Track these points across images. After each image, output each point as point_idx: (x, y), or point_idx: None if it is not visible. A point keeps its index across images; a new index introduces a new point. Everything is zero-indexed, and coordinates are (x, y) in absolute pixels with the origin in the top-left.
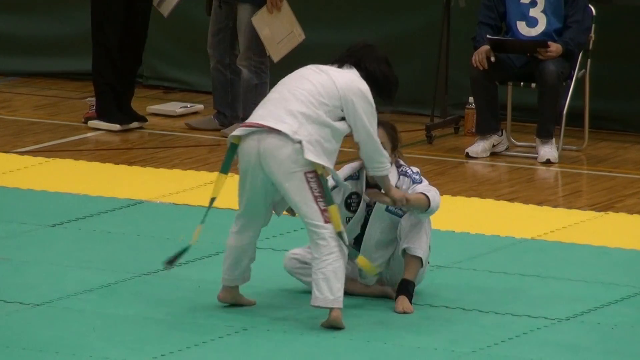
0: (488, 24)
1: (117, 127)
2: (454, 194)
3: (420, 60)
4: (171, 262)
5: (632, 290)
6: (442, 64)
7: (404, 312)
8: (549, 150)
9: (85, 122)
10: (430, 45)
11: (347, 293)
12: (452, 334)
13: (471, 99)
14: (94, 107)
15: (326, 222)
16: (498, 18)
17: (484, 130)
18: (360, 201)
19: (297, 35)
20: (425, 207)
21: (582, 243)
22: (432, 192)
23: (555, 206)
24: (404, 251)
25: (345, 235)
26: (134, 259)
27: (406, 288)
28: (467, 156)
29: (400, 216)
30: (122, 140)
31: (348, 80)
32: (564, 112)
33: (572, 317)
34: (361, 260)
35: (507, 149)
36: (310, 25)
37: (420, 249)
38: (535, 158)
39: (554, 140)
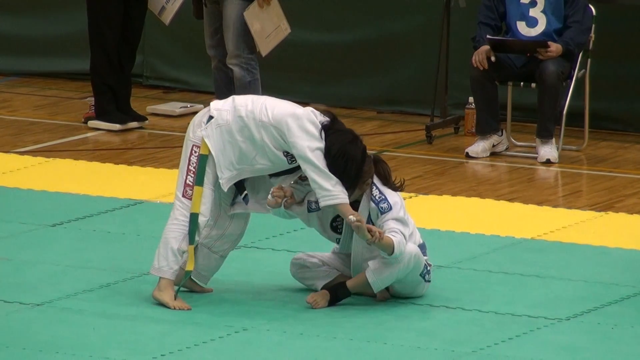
0: (488, 24)
1: (117, 126)
2: (454, 194)
3: (420, 60)
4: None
5: (632, 290)
6: (442, 64)
7: (310, 303)
8: (549, 150)
9: (85, 122)
10: (430, 45)
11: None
12: (452, 334)
13: (471, 99)
14: (94, 107)
15: (184, 195)
16: (498, 18)
17: (484, 130)
18: (344, 222)
19: (284, 29)
20: (390, 252)
21: (582, 243)
22: (399, 237)
23: (555, 206)
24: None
25: (200, 217)
26: (134, 259)
27: (335, 288)
28: (467, 156)
29: None
30: (121, 140)
31: (289, 110)
32: (564, 112)
33: (572, 317)
34: None
35: (507, 149)
36: (310, 25)
37: (376, 277)
38: (535, 158)
39: (554, 140)
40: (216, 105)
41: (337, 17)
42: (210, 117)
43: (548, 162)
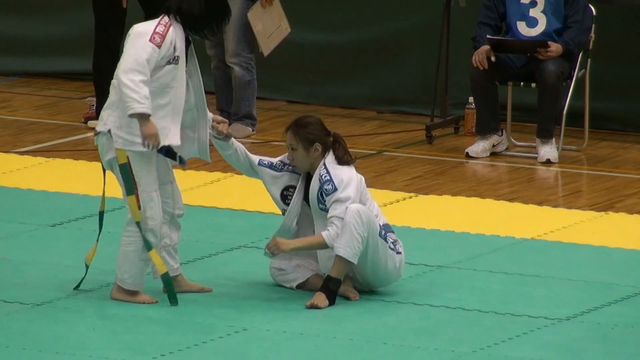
0: (488, 24)
1: None
2: (454, 194)
3: (420, 60)
4: (78, 286)
5: (632, 290)
6: (442, 64)
7: (312, 307)
8: (549, 150)
9: (85, 122)
10: (430, 45)
11: (312, 289)
12: (452, 334)
13: (471, 99)
14: (94, 107)
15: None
16: (498, 18)
17: (484, 130)
18: (294, 196)
19: (284, 28)
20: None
21: (582, 243)
22: (328, 232)
23: (555, 206)
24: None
25: (150, 222)
26: None
27: (327, 285)
28: (467, 156)
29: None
30: None
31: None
32: (564, 112)
33: (572, 317)
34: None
35: (507, 149)
36: (310, 25)
37: (341, 247)
38: (535, 158)
39: (554, 140)
40: (102, 125)
41: (337, 17)
42: (108, 132)
43: (548, 162)
